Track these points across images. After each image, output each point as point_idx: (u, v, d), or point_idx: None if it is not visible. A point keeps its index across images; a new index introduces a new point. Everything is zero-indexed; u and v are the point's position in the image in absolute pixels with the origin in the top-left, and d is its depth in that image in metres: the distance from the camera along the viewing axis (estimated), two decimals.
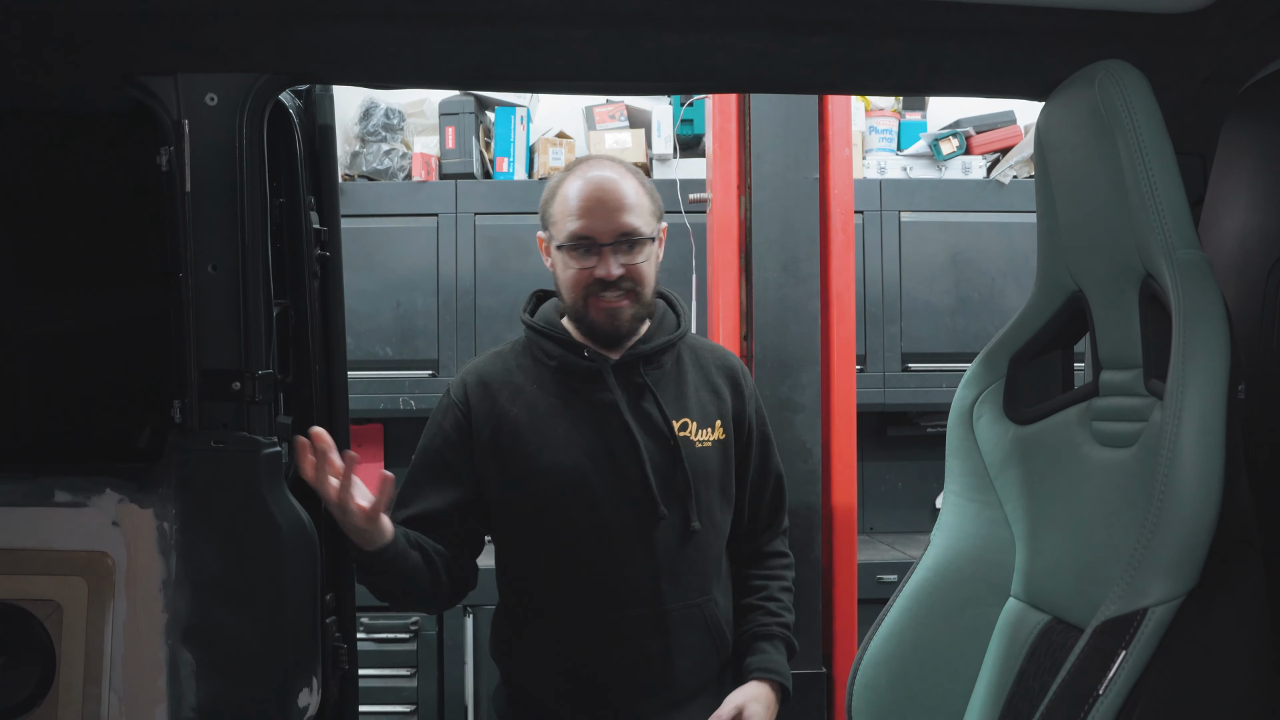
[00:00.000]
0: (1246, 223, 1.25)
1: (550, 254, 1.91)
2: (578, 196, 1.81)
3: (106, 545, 1.56)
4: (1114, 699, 0.97)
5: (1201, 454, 0.97)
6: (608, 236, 1.79)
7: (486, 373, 1.91)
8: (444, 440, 1.89)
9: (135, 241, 1.72)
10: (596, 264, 1.80)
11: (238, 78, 1.51)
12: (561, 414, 1.85)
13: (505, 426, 1.85)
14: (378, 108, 3.63)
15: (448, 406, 1.90)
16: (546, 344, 1.88)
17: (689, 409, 1.88)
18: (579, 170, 1.86)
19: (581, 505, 1.81)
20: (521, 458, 1.83)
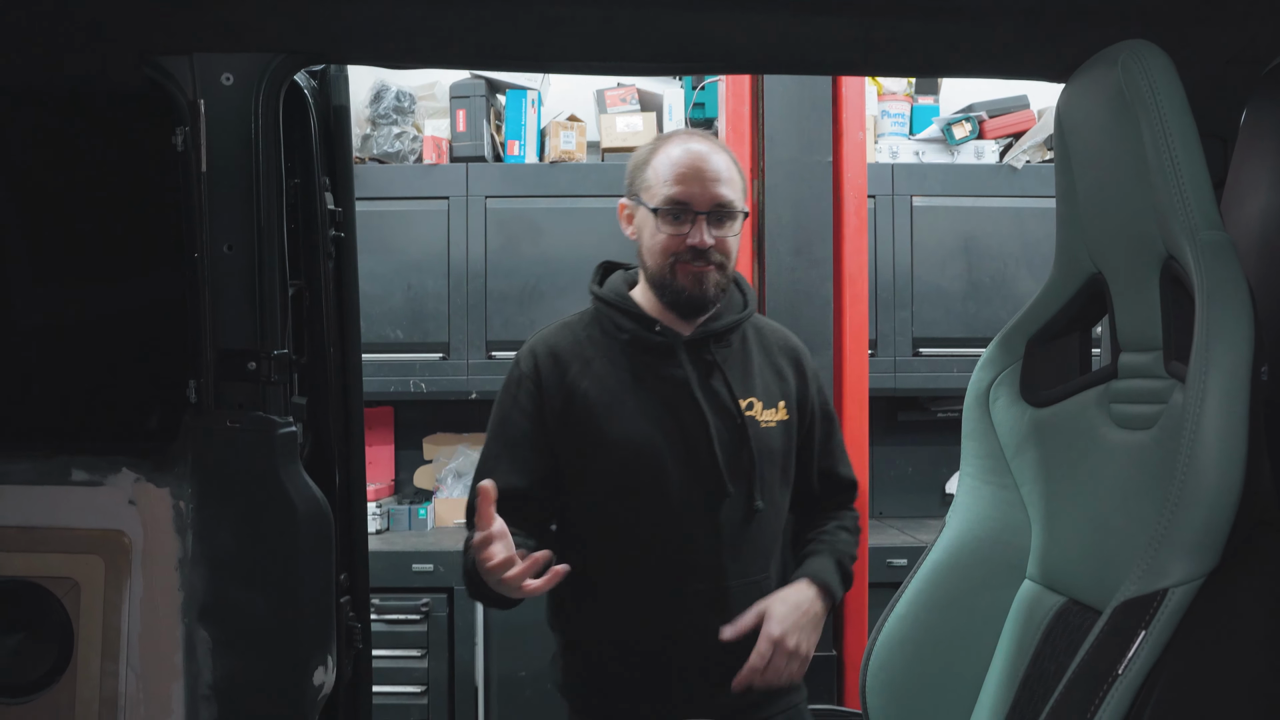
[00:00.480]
0: (1269, 204, 1.24)
1: (633, 221, 1.92)
2: (676, 164, 1.81)
3: (123, 524, 1.56)
4: (1133, 679, 0.97)
5: (1224, 435, 0.97)
6: (704, 205, 1.80)
7: (556, 344, 1.91)
8: (520, 413, 1.88)
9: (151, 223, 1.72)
10: (690, 231, 1.80)
11: (253, 57, 1.51)
12: (631, 388, 1.85)
13: (576, 399, 1.85)
14: (389, 90, 3.62)
15: (519, 379, 1.90)
16: (618, 317, 1.89)
17: (754, 389, 1.89)
18: (675, 140, 1.87)
19: (650, 479, 1.82)
20: (592, 430, 1.84)
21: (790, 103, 2.63)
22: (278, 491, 1.55)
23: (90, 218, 1.74)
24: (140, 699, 1.54)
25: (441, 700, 3.26)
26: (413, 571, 3.27)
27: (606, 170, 3.56)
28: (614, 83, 3.67)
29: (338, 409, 1.79)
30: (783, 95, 2.63)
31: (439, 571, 3.26)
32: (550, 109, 3.73)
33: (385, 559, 3.27)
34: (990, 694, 1.37)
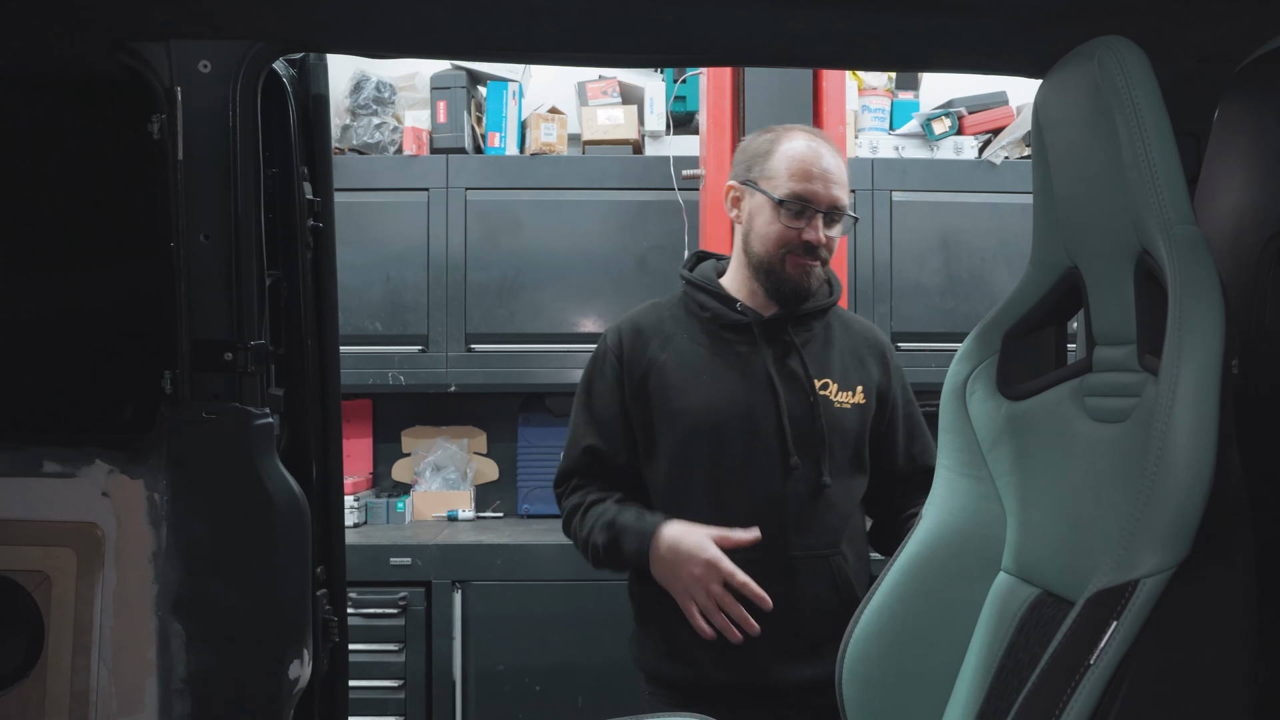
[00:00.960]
0: (1240, 200, 1.25)
1: (739, 205, 1.99)
2: (802, 159, 1.91)
3: (96, 516, 1.55)
4: (1105, 669, 0.98)
5: (1195, 428, 0.98)
6: (824, 204, 1.90)
7: (641, 321, 2.03)
8: (604, 386, 2.00)
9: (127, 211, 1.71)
10: (806, 227, 1.89)
11: (231, 45, 1.50)
12: (707, 362, 1.95)
13: (653, 371, 1.96)
14: (369, 81, 3.60)
15: (604, 354, 2.02)
16: (701, 296, 2.00)
17: (831, 370, 1.97)
18: (798, 134, 1.95)
19: (716, 448, 1.91)
20: (665, 400, 1.94)
21: (771, 97, 2.64)
22: (254, 484, 1.54)
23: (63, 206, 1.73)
24: (112, 693, 1.53)
25: (419, 694, 3.26)
26: (390, 565, 3.26)
27: (587, 163, 3.56)
28: (595, 75, 3.66)
29: (315, 401, 1.78)
30: (763, 89, 2.64)
31: (417, 565, 3.26)
32: (531, 101, 3.72)
33: (362, 552, 3.26)
34: (966, 685, 1.38)
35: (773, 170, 1.92)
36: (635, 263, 3.52)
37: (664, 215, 3.46)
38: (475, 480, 3.83)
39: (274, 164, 1.69)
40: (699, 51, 1.60)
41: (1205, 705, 0.99)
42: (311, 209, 1.74)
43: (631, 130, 3.59)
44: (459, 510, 3.71)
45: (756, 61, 1.65)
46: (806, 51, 1.54)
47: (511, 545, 3.30)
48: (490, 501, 3.84)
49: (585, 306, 3.54)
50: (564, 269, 3.53)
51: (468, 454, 3.83)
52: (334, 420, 1.81)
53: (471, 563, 3.28)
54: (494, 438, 3.89)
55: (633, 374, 1.97)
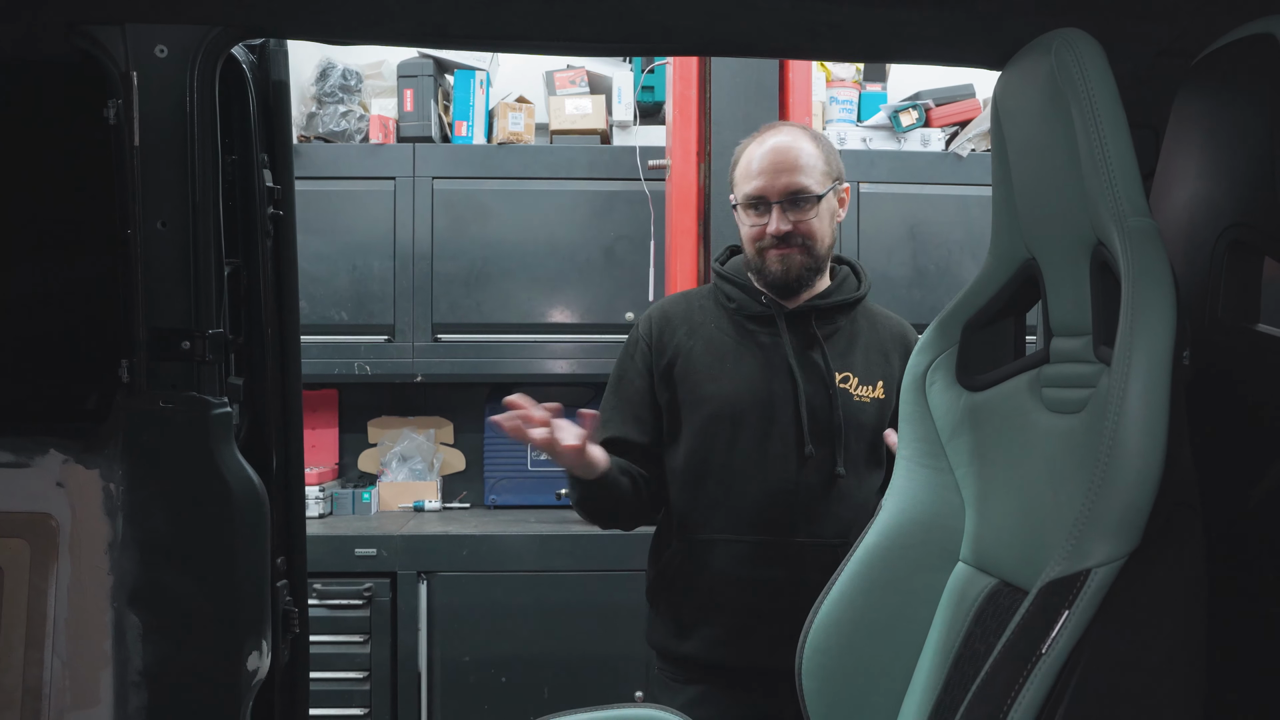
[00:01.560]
0: (1195, 193, 1.26)
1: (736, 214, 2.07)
2: (753, 159, 1.99)
3: (50, 506, 1.53)
4: (1056, 657, 0.98)
5: (1146, 418, 0.98)
6: (776, 195, 1.96)
7: (671, 309, 2.11)
8: (634, 372, 2.08)
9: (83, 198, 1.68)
10: (768, 220, 1.96)
11: (189, 29, 1.48)
12: (731, 350, 2.02)
13: (680, 358, 2.04)
14: (335, 68, 3.58)
15: (635, 340, 2.10)
16: (729, 288, 2.07)
17: (853, 364, 2.02)
18: (760, 137, 2.03)
19: (734, 434, 1.97)
20: (688, 386, 2.02)
21: (737, 87, 2.64)
22: (211, 473, 1.53)
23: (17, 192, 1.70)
24: (66, 686, 1.51)
25: (384, 686, 3.24)
26: (355, 556, 3.24)
27: (555, 152, 3.55)
28: (564, 64, 3.65)
29: (275, 390, 1.76)
30: (730, 80, 2.64)
31: (382, 556, 3.24)
32: (499, 90, 3.71)
33: (328, 543, 3.25)
34: (924, 675, 1.39)
35: (737, 178, 2.02)
36: (603, 253, 3.52)
37: (632, 205, 3.46)
38: (442, 471, 3.82)
39: (233, 151, 1.67)
40: (660, 40, 1.60)
41: (1156, 694, 1.00)
42: (272, 196, 1.73)
43: (599, 120, 3.58)
44: (425, 501, 3.70)
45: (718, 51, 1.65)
46: (769, 41, 1.54)
47: (478, 536, 3.30)
48: (457, 492, 3.83)
49: (553, 297, 3.54)
50: (531, 259, 3.52)
51: (434, 444, 3.82)
52: (294, 409, 1.80)
53: (437, 553, 3.27)
54: (461, 428, 3.88)
55: (660, 359, 2.05)
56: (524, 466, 3.76)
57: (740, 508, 1.96)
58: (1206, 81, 1.28)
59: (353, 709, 3.23)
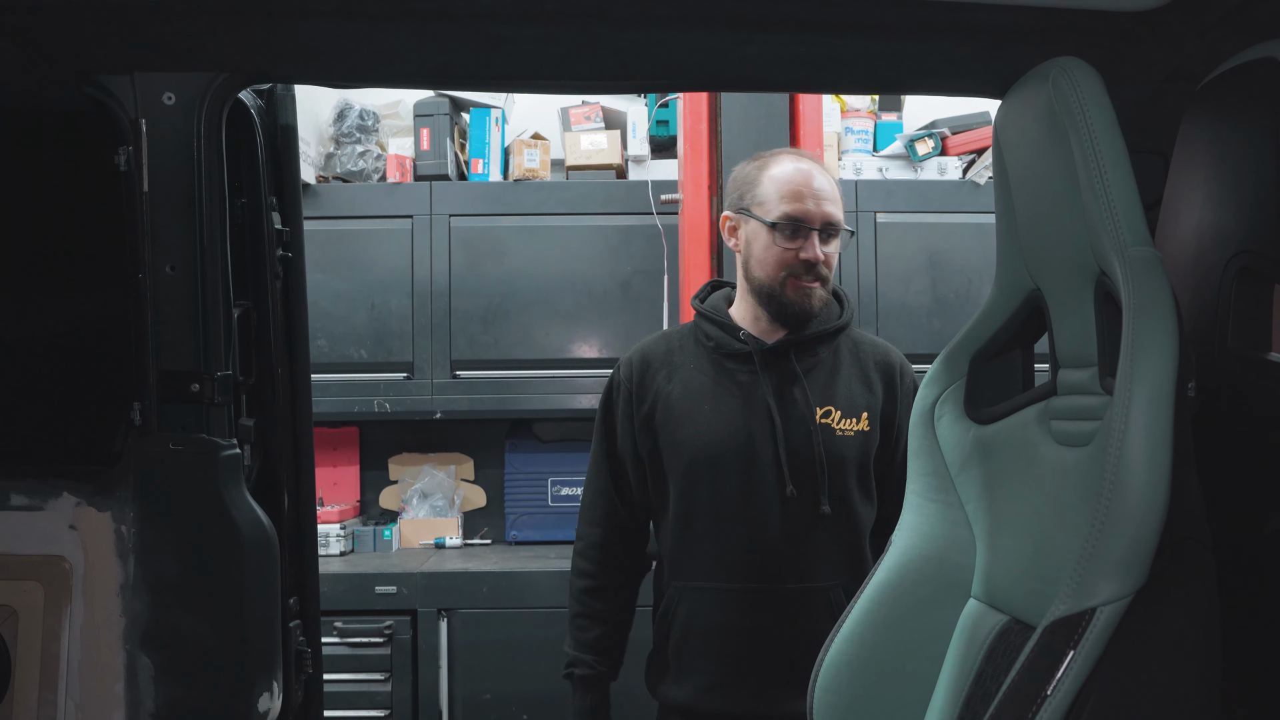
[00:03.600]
0: (1202, 220, 1.24)
1: (736, 234, 2.01)
2: (790, 181, 1.92)
3: (63, 549, 1.54)
4: (1062, 700, 0.96)
5: (1149, 452, 0.96)
6: (817, 221, 1.91)
7: (650, 352, 2.05)
8: (615, 417, 2.04)
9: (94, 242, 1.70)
10: (803, 246, 1.90)
11: (195, 77, 1.50)
12: (710, 392, 1.96)
13: (660, 401, 1.98)
14: (352, 109, 3.62)
15: (617, 385, 2.05)
16: (707, 326, 2.01)
17: (835, 397, 1.96)
18: (784, 158, 1.97)
19: (715, 478, 1.92)
20: (668, 430, 1.96)
21: (748, 120, 2.65)
22: (221, 514, 1.54)
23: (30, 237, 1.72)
24: None
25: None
26: (376, 594, 3.24)
27: (570, 188, 3.56)
28: (579, 100, 3.67)
29: (286, 430, 1.77)
30: (740, 113, 2.64)
31: (402, 593, 3.24)
32: (515, 127, 3.73)
33: (349, 581, 3.25)
34: (935, 714, 1.36)
35: (763, 195, 1.94)
36: (620, 287, 3.52)
37: (647, 239, 3.46)
38: (463, 507, 3.82)
39: (242, 194, 1.69)
40: (662, 77, 1.61)
41: None
42: (280, 239, 1.74)
43: (614, 155, 3.59)
44: (446, 537, 3.70)
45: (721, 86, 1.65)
46: (770, 76, 1.54)
47: (498, 572, 3.29)
48: (478, 528, 3.82)
49: (570, 332, 3.54)
50: (548, 294, 3.53)
51: (455, 481, 3.82)
52: (305, 449, 1.80)
53: (458, 590, 3.26)
54: (481, 464, 3.88)
55: (640, 406, 2.00)
56: (545, 502, 3.75)
57: (727, 555, 1.91)
58: (1210, 107, 1.26)
59: None
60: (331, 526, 3.51)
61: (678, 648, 1.95)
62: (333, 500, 3.75)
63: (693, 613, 1.94)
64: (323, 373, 3.42)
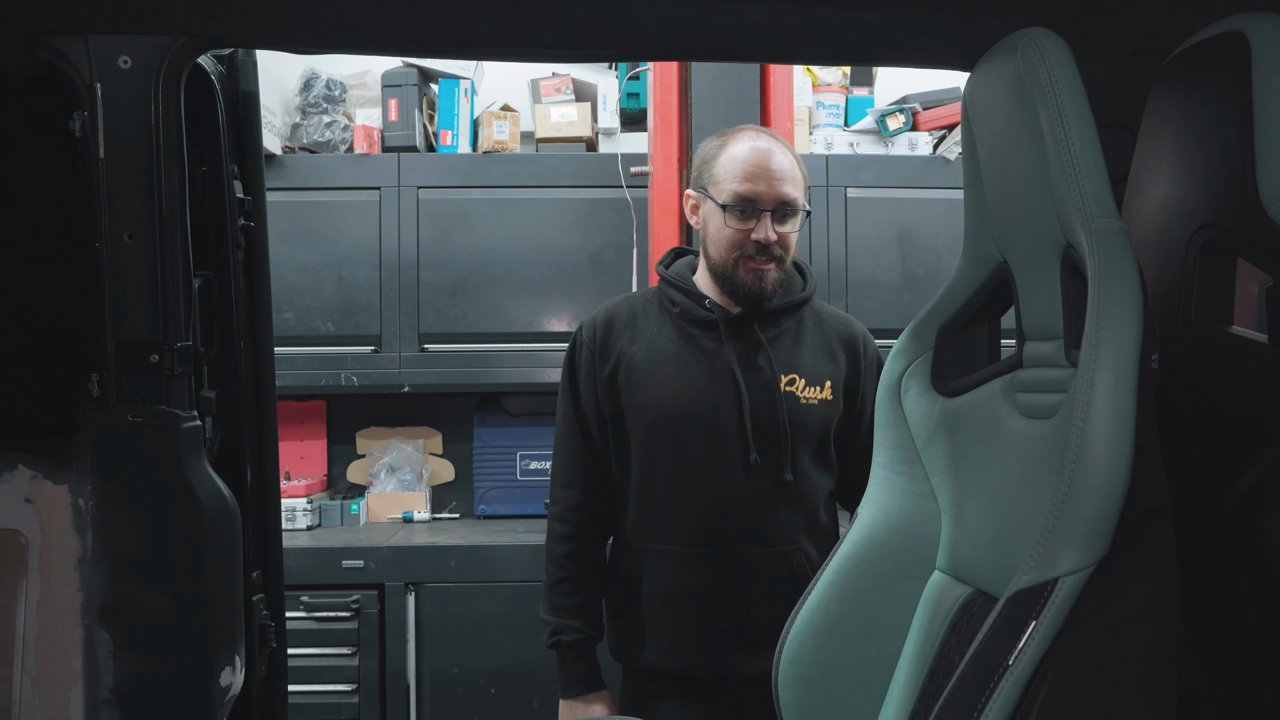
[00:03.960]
0: (1168, 194, 1.24)
1: (698, 212, 2.01)
2: (745, 161, 1.91)
3: (18, 523, 1.52)
4: (1023, 670, 0.96)
5: (1112, 423, 0.97)
6: (770, 203, 1.89)
7: (614, 313, 2.04)
8: (580, 375, 2.03)
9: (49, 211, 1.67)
10: (755, 227, 1.89)
11: (153, 40, 1.47)
12: (674, 358, 1.96)
13: (623, 362, 1.98)
14: (319, 79, 3.56)
15: (579, 345, 2.04)
16: (672, 292, 2.00)
17: (799, 366, 1.96)
18: (742, 136, 1.95)
19: (679, 442, 1.92)
20: (630, 394, 1.96)
21: (718, 93, 2.63)
22: (182, 487, 1.52)
23: None
24: (36, 705, 1.50)
25: (373, 699, 3.22)
26: (343, 568, 3.22)
27: (541, 161, 3.53)
28: (549, 72, 3.64)
29: (249, 402, 1.75)
30: (711, 86, 2.63)
31: (370, 568, 3.22)
32: (484, 99, 3.69)
33: (315, 555, 3.23)
34: (899, 685, 1.37)
35: (718, 175, 1.93)
36: (589, 261, 3.50)
37: (617, 213, 3.44)
38: (431, 481, 3.80)
39: (203, 162, 1.66)
40: (630, 46, 1.59)
41: (1126, 705, 0.98)
42: (242, 207, 1.71)
43: (585, 128, 3.57)
44: (414, 512, 3.68)
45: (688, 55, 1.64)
46: (738, 45, 1.53)
47: (465, 546, 3.28)
48: (446, 503, 3.81)
49: (540, 305, 3.52)
50: (518, 268, 3.51)
51: (423, 455, 3.80)
52: (269, 422, 1.78)
53: (425, 565, 3.25)
54: (450, 438, 3.86)
55: (603, 367, 1.99)
56: (513, 476, 3.74)
57: (689, 519, 1.92)
58: (1178, 81, 1.26)
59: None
60: (298, 500, 3.49)
61: (639, 610, 1.97)
62: (300, 474, 3.72)
63: (654, 576, 1.95)
64: (289, 346, 3.39)
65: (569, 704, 2.01)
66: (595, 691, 2.00)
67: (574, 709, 2.00)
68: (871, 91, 3.69)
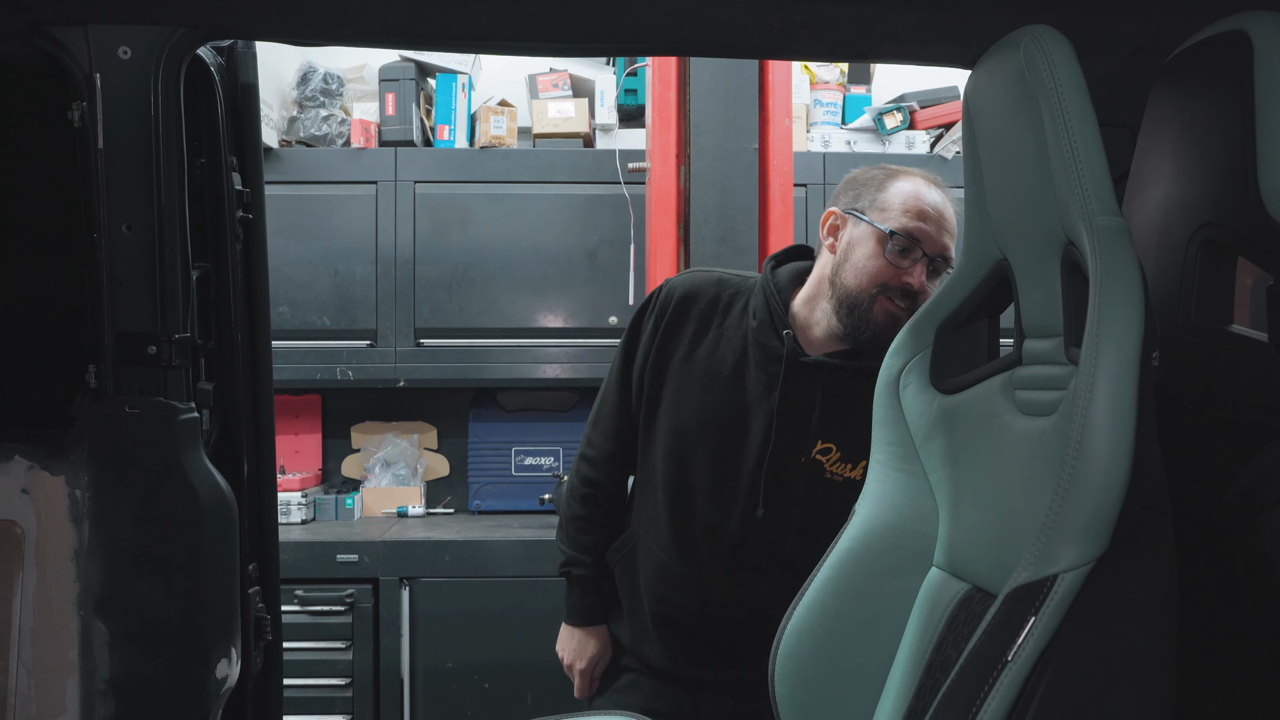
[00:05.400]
0: (1168, 193, 1.24)
1: (837, 234, 1.85)
2: (920, 199, 1.78)
3: (15, 514, 1.51)
4: (1022, 666, 0.96)
5: (1113, 420, 0.96)
6: (934, 249, 1.77)
7: (698, 290, 1.93)
8: (641, 337, 1.95)
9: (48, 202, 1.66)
10: (909, 269, 1.76)
11: (152, 30, 1.47)
12: (727, 375, 1.86)
13: (677, 352, 1.90)
14: (316, 72, 3.55)
15: (651, 308, 1.95)
16: (760, 305, 1.86)
17: (840, 437, 1.81)
18: (916, 176, 1.82)
19: (685, 463, 1.88)
20: (671, 387, 1.90)
21: (717, 89, 2.62)
22: (179, 479, 1.51)
23: None
24: (32, 696, 1.49)
25: (366, 692, 3.22)
26: (337, 562, 3.22)
27: (537, 156, 3.53)
28: (546, 67, 3.63)
29: (246, 394, 1.74)
30: (709, 81, 2.62)
31: (364, 562, 3.22)
32: (481, 93, 3.69)
33: (310, 549, 3.22)
34: (896, 681, 1.36)
35: (885, 202, 1.79)
36: (586, 256, 3.50)
37: (614, 209, 3.44)
38: (426, 476, 3.80)
39: (202, 154, 1.65)
40: (630, 41, 1.58)
41: (1125, 701, 0.98)
42: (241, 200, 1.71)
43: (582, 123, 3.56)
44: (409, 506, 3.68)
45: (689, 51, 1.63)
46: (739, 41, 1.52)
47: (460, 541, 3.27)
48: (441, 497, 3.81)
49: (536, 301, 3.52)
50: (514, 263, 3.50)
51: (418, 450, 3.79)
52: (266, 414, 1.78)
53: (419, 559, 3.25)
54: (445, 433, 3.85)
55: (663, 343, 1.90)
56: (508, 472, 3.74)
57: (678, 536, 1.88)
58: (1179, 79, 1.26)
59: (335, 715, 3.21)
60: (293, 494, 3.48)
61: (622, 588, 2.00)
62: (295, 468, 3.71)
63: (640, 565, 1.96)
64: (285, 339, 3.38)
65: (569, 629, 2.06)
66: (594, 625, 2.03)
67: (574, 635, 2.05)
68: (869, 89, 3.70)
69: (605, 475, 2.02)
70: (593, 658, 2.03)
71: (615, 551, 2.01)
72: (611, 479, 2.02)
